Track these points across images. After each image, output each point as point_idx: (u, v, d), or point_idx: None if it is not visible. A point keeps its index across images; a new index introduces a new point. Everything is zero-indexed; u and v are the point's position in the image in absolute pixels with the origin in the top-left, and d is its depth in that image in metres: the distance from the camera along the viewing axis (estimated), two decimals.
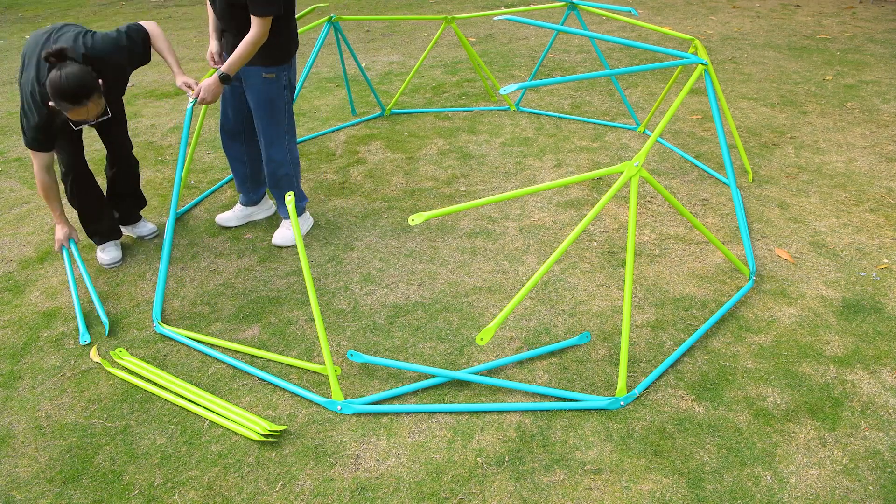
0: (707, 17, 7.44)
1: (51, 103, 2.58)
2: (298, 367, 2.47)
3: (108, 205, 3.19)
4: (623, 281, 2.91)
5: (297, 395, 2.36)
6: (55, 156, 2.91)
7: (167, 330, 2.68)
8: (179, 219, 3.58)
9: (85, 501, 2.00)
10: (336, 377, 2.32)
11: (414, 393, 2.35)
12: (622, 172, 2.28)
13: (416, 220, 2.12)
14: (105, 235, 3.16)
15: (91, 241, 3.26)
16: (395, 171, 4.00)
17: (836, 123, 4.48)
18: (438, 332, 2.65)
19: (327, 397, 2.33)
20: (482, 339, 2.08)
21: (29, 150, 2.83)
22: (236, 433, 2.21)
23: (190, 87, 2.90)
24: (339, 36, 4.49)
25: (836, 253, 3.07)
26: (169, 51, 2.96)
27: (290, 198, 2.30)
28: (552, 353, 2.51)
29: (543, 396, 2.32)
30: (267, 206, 3.55)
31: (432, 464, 2.08)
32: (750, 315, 2.69)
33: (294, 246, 3.27)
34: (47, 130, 2.75)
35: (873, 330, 2.59)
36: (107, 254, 3.15)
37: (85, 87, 2.55)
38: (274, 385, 2.41)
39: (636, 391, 2.29)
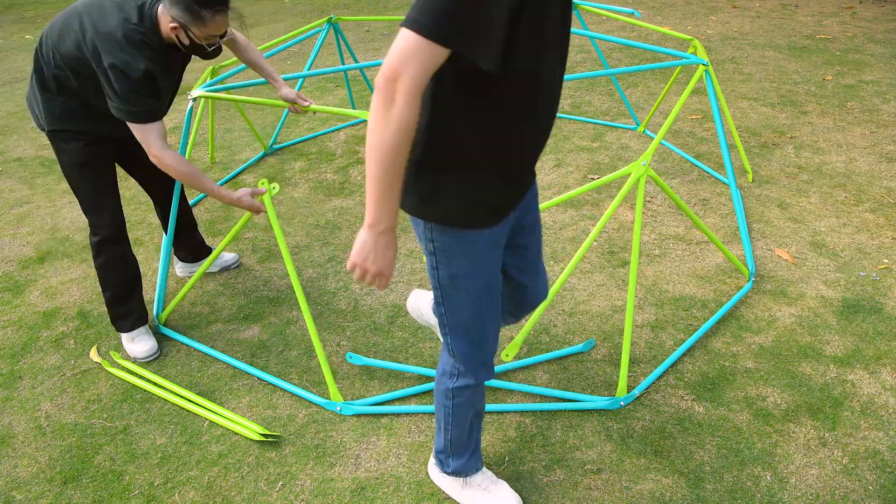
0: (707, 17, 7.44)
1: (172, 25, 2.09)
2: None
3: (140, 285, 2.64)
4: (623, 281, 2.91)
5: (296, 395, 2.36)
6: (92, 217, 2.42)
7: (168, 329, 2.68)
8: None
9: (85, 501, 2.00)
10: (334, 380, 2.32)
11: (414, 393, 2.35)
12: (630, 174, 2.26)
13: None
14: (136, 320, 2.59)
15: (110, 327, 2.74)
16: None
17: (836, 123, 4.48)
18: None
19: (327, 398, 2.33)
20: (507, 356, 2.07)
21: (138, 130, 2.18)
22: (236, 433, 2.21)
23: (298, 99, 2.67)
24: (339, 37, 4.49)
25: (836, 253, 3.07)
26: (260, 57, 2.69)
27: (277, 187, 2.29)
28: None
29: (543, 397, 2.32)
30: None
31: None
32: (750, 315, 2.69)
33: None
34: (154, 85, 2.18)
35: (873, 330, 2.59)
36: (142, 344, 2.57)
37: None
38: (274, 385, 2.41)
39: (636, 391, 2.29)
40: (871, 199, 3.50)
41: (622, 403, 2.26)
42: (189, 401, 2.33)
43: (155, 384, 2.42)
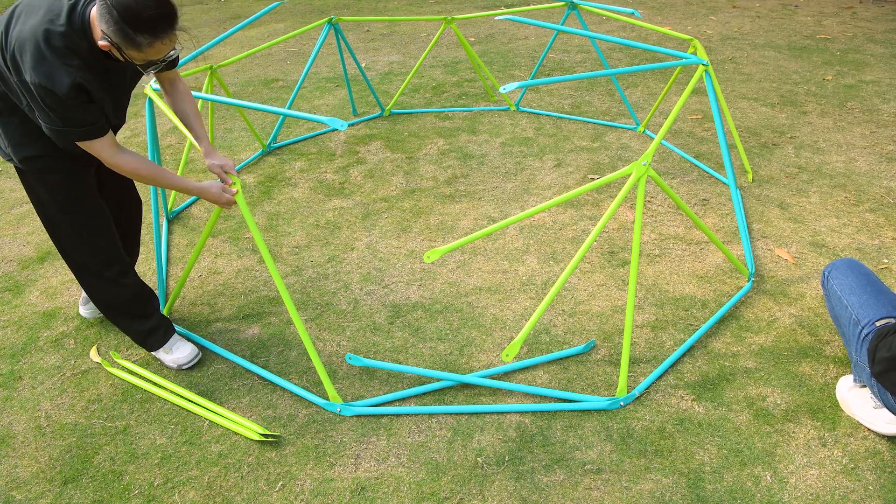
0: (707, 17, 7.44)
1: (102, 42, 1.75)
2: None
3: (154, 294, 2.52)
4: (623, 281, 2.91)
5: (296, 395, 2.36)
6: (86, 244, 2.23)
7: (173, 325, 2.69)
8: (178, 218, 3.58)
9: (85, 501, 2.00)
10: (331, 382, 2.32)
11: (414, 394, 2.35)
12: (630, 174, 2.26)
13: (431, 257, 2.12)
14: (166, 330, 2.48)
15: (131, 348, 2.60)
16: (395, 171, 4.00)
17: (836, 123, 4.48)
18: (438, 332, 2.65)
19: (327, 398, 2.33)
20: (507, 356, 2.06)
21: (83, 144, 1.93)
22: (236, 433, 2.21)
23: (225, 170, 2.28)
24: (339, 37, 4.50)
25: (836, 253, 3.07)
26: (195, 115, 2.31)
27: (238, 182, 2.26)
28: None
29: (543, 397, 2.31)
30: None
31: (432, 464, 2.08)
32: (750, 315, 2.69)
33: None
34: (87, 97, 1.84)
35: None
36: (181, 350, 2.46)
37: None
38: (274, 385, 2.41)
39: (636, 391, 2.29)
40: (871, 199, 3.50)
41: (622, 403, 2.26)
42: (189, 401, 2.33)
43: (155, 384, 2.42)
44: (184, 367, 2.48)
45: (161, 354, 2.49)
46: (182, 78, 2.31)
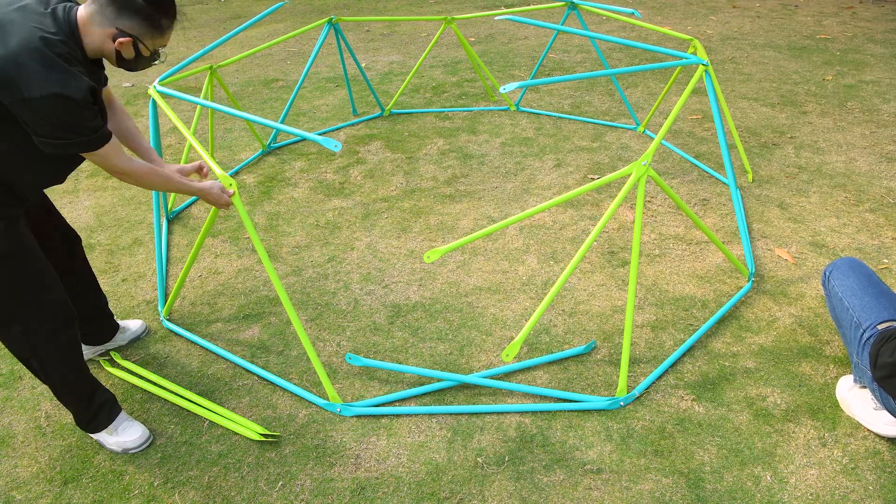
0: (707, 17, 7.44)
1: (122, 39, 1.74)
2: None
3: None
4: (623, 281, 2.91)
5: (297, 395, 2.36)
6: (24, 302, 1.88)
7: (173, 325, 2.69)
8: (178, 218, 3.58)
9: (85, 501, 2.00)
10: (331, 383, 2.32)
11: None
12: (630, 174, 2.25)
13: (431, 257, 2.12)
14: (113, 404, 2.18)
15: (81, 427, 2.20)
16: (395, 171, 4.00)
17: (836, 123, 4.48)
18: (438, 332, 2.66)
19: (327, 398, 2.33)
20: (507, 356, 2.06)
21: (95, 156, 1.81)
22: (236, 433, 2.21)
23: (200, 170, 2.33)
24: (339, 37, 4.50)
25: (836, 253, 3.07)
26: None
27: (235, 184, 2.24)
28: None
29: (543, 397, 2.32)
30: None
31: (432, 464, 2.08)
32: (750, 315, 2.69)
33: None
34: (98, 101, 1.77)
35: None
36: (130, 433, 2.15)
37: None
38: (274, 385, 2.41)
39: (636, 391, 2.29)
40: (871, 199, 3.50)
41: (622, 403, 2.26)
42: (189, 401, 2.33)
43: (155, 384, 2.42)
44: (131, 452, 2.15)
45: (102, 437, 2.16)
46: (116, 96, 2.18)
